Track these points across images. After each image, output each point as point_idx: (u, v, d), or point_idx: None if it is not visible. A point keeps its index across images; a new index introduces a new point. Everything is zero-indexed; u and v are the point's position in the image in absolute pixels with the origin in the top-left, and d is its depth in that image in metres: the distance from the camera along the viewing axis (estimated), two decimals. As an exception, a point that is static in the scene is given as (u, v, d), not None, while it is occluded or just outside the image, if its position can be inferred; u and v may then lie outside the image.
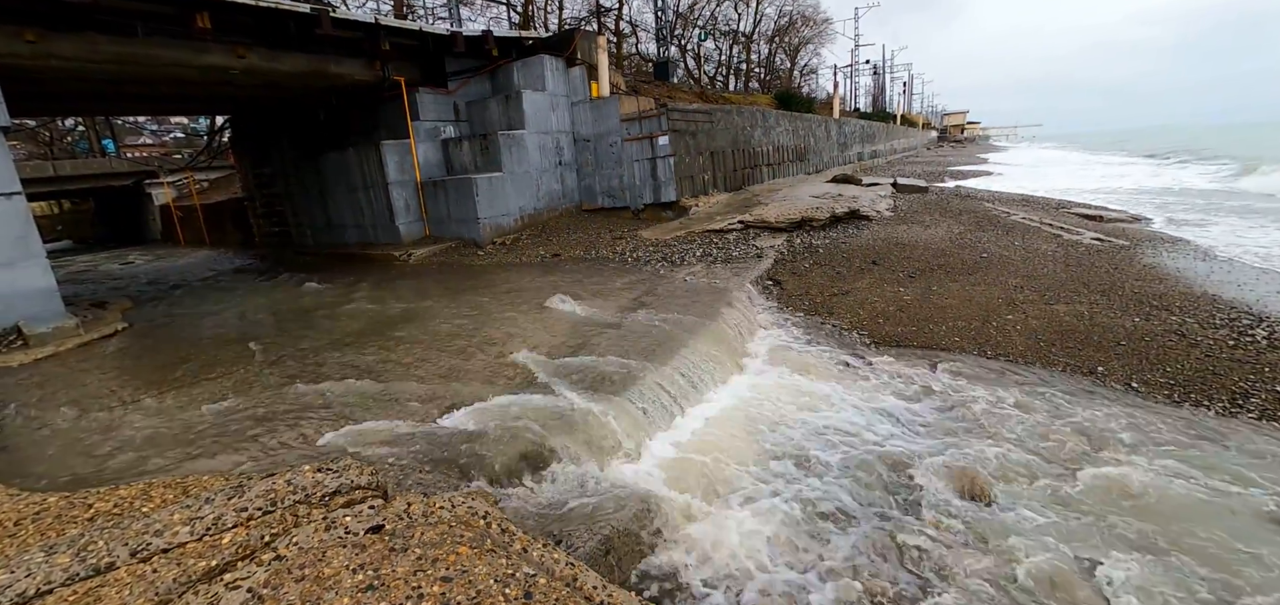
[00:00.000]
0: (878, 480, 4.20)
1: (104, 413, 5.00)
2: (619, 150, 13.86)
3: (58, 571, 2.30)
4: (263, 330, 7.57)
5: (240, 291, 10.92)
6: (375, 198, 13.56)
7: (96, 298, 11.27)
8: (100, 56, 9.07)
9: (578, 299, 7.62)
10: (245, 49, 10.46)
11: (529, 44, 14.60)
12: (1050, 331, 6.26)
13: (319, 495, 2.72)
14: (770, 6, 40.76)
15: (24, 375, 6.35)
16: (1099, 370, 5.47)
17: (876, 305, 7.35)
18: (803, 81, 47.42)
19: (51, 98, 12.12)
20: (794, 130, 20.48)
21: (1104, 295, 7.08)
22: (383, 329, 6.99)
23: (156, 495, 3.25)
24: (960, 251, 9.20)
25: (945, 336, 6.41)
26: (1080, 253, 8.97)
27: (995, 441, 4.59)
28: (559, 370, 5.24)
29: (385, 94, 13.21)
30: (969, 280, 7.93)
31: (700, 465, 4.34)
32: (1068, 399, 5.06)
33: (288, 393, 5.12)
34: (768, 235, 10.81)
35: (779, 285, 8.33)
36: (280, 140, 16.12)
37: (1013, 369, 5.66)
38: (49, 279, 8.37)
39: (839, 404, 5.30)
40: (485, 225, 12.46)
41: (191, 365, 6.24)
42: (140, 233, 27.95)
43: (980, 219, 11.61)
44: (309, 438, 4.17)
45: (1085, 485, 4.04)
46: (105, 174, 25.79)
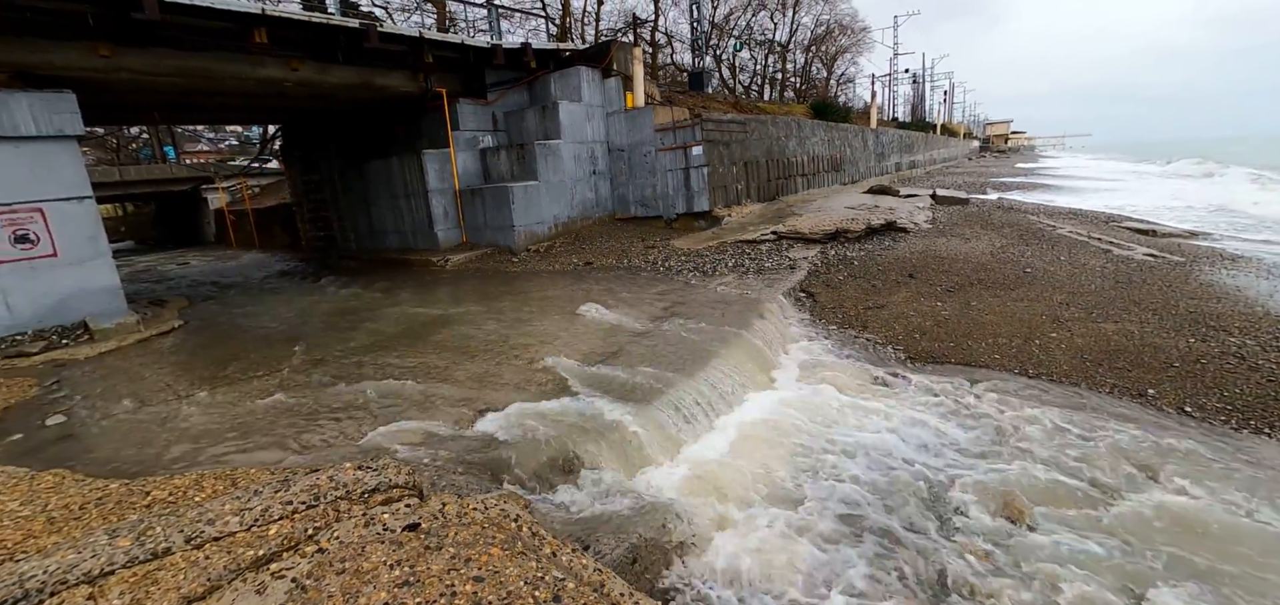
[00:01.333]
0: (911, 499, 4.11)
1: (161, 405, 5.29)
2: (653, 160, 13.95)
3: (119, 554, 2.45)
4: (307, 331, 7.88)
5: (287, 293, 11.38)
6: (415, 205, 13.96)
7: (155, 296, 11.91)
8: (165, 69, 9.63)
9: (609, 307, 7.69)
10: (298, 62, 10.95)
11: (566, 56, 14.86)
12: (1097, 350, 6.02)
13: (359, 492, 2.83)
14: (807, 16, 40.45)
15: (89, 367, 6.76)
16: (1150, 392, 5.24)
17: (913, 320, 7.20)
18: (839, 91, 46.83)
19: (120, 108, 12.90)
20: (829, 140, 20.23)
21: (1156, 314, 6.77)
22: (420, 332, 7.19)
23: (208, 486, 3.43)
24: (1002, 266, 8.93)
25: (985, 354, 6.23)
26: (1131, 269, 8.61)
27: (1036, 463, 4.44)
28: (590, 378, 5.30)
29: (427, 105, 13.62)
30: (1011, 296, 7.69)
31: (729, 477, 4.33)
32: (1115, 422, 4.86)
33: (330, 391, 5.32)
34: (801, 246, 10.70)
35: (812, 297, 8.24)
36: (328, 149, 16.77)
37: (1056, 389, 5.47)
38: (114, 277, 8.90)
39: (872, 420, 5.21)
40: (520, 233, 12.69)
41: (241, 362, 6.54)
42: (196, 235, 29.39)
43: (1024, 232, 11.25)
44: (350, 436, 4.32)
45: (1133, 512, 3.87)
46: (166, 179, 27.25)
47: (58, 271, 8.34)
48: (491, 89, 14.52)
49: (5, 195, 7.90)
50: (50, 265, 8.28)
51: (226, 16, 9.53)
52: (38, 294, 8.18)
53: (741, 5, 36.00)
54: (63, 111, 8.26)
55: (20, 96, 7.91)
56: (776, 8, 37.68)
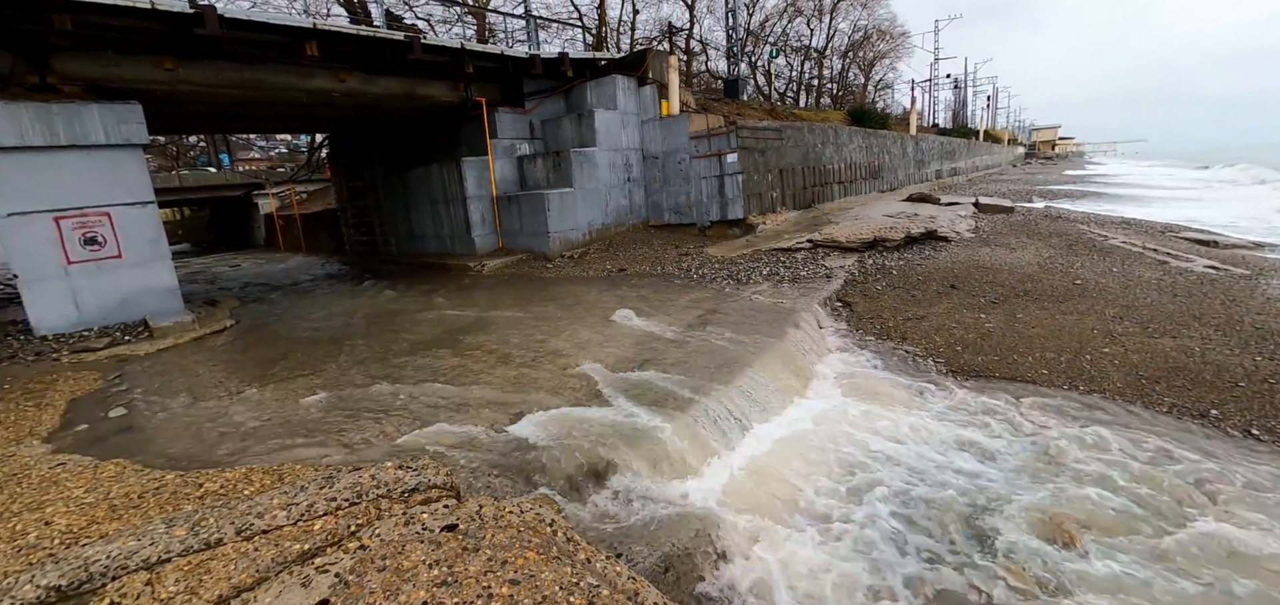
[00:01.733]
0: (952, 517, 3.98)
1: (213, 401, 5.54)
2: (687, 167, 13.95)
3: (175, 542, 2.57)
4: (350, 332, 8.13)
5: (332, 295, 11.78)
6: (454, 211, 14.28)
7: (209, 296, 12.49)
8: (224, 81, 10.13)
9: (642, 314, 7.70)
10: (346, 73, 11.37)
11: (603, 65, 15.00)
12: (1153, 367, 5.73)
13: (399, 491, 2.89)
14: (844, 22, 39.94)
15: (148, 363, 7.13)
16: (1212, 413, 4.95)
17: (954, 332, 6.99)
18: (877, 97, 45.99)
19: (181, 118, 13.61)
20: (867, 147, 19.87)
21: (1219, 330, 6.41)
22: (457, 336, 7.34)
23: (256, 480, 3.56)
24: (1050, 277, 8.60)
25: (1031, 368, 6.00)
26: (1191, 281, 8.17)
27: (1086, 485, 4.25)
28: (623, 384, 5.32)
29: (467, 113, 13.94)
30: (1059, 308, 7.39)
31: (764, 489, 4.27)
32: (1173, 443, 4.61)
33: (371, 391, 5.48)
34: (838, 255, 10.52)
35: (849, 307, 8.09)
36: (371, 156, 17.33)
37: (1109, 407, 5.23)
38: (173, 278, 9.38)
39: (912, 435, 5.07)
40: (555, 239, 12.84)
41: (287, 361, 6.80)
42: (247, 238, 30.72)
43: (1073, 242, 10.81)
44: (389, 435, 4.44)
45: (1193, 540, 3.66)
46: (221, 185, 28.61)
47: (122, 272, 8.83)
48: (529, 98, 14.76)
49: (77, 200, 8.42)
50: (115, 266, 8.78)
51: (281, 30, 9.98)
52: (104, 293, 8.68)
53: (777, 12, 35.81)
54: (130, 121, 8.77)
55: (92, 108, 8.44)
56: (813, 14, 37.32)
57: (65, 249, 8.37)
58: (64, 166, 8.28)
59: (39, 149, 8.06)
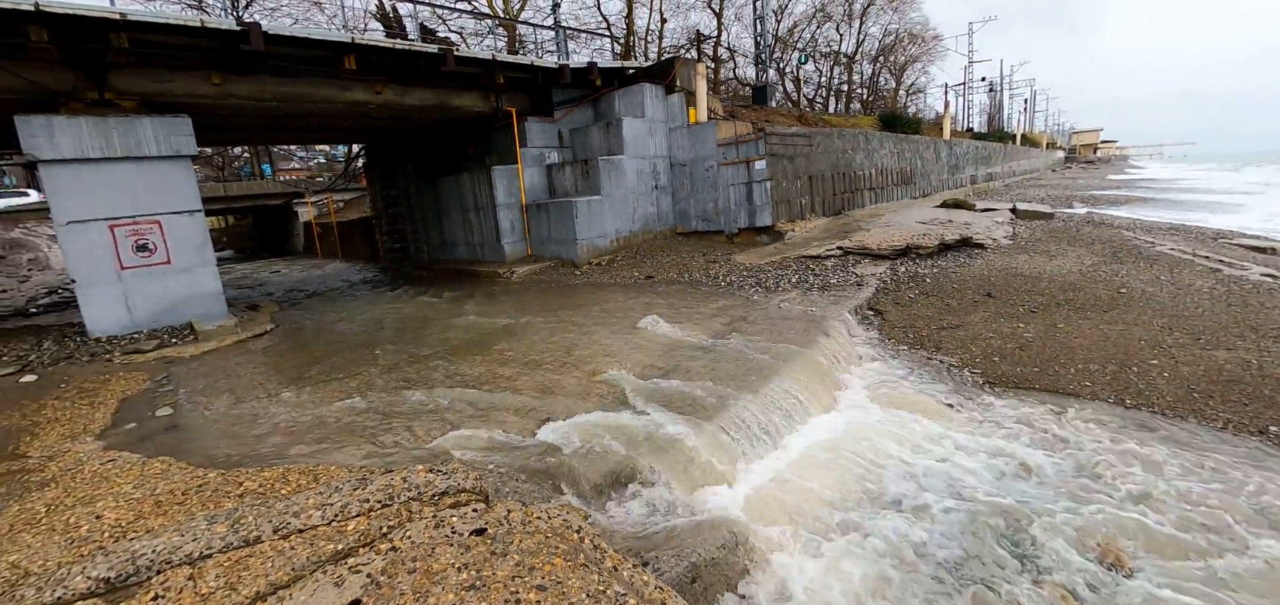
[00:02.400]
0: (990, 534, 3.84)
1: (253, 402, 5.72)
2: (714, 174, 13.90)
3: (216, 539, 2.65)
4: (384, 337, 8.32)
5: (366, 301, 12.08)
6: (484, 218, 14.51)
7: (251, 301, 12.93)
8: (267, 94, 10.53)
9: (670, 321, 7.68)
10: (381, 86, 11.70)
11: (631, 73, 15.09)
12: (1207, 381, 5.46)
13: (429, 494, 2.93)
14: (875, 26, 39.33)
15: (193, 365, 7.41)
16: (1272, 430, 4.68)
17: (991, 342, 6.78)
18: (909, 101, 45.13)
19: (227, 129, 14.17)
20: (899, 153, 19.50)
21: (1277, 341, 6.07)
22: (486, 342, 7.44)
23: (293, 480, 3.66)
24: (1093, 285, 8.28)
25: (1074, 380, 5.78)
26: (1246, 290, 7.77)
27: (1136, 503, 4.06)
28: (650, 391, 5.31)
29: (497, 122, 14.19)
30: (1103, 318, 7.11)
31: (792, 499, 4.20)
32: (1230, 461, 4.37)
33: (403, 395, 5.58)
34: (868, 262, 10.33)
35: (880, 316, 7.92)
36: (405, 165, 17.76)
37: (1158, 422, 4.99)
38: (217, 284, 9.75)
39: (947, 447, 4.93)
40: (583, 246, 12.93)
41: (323, 365, 6.98)
42: (286, 245, 31.76)
43: (1117, 249, 10.40)
44: (420, 439, 4.51)
45: (1256, 565, 3.46)
46: (262, 194, 29.68)
47: (170, 277, 9.22)
48: (558, 107, 14.94)
49: (130, 208, 8.83)
50: (164, 272, 9.17)
51: (321, 45, 10.33)
52: (153, 297, 9.08)
53: (806, 18, 35.48)
54: (180, 134, 9.17)
55: (145, 121, 8.85)
56: (842, 19, 36.88)
57: (119, 255, 8.78)
58: (119, 177, 8.70)
59: (96, 161, 8.49)
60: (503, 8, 25.12)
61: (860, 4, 36.69)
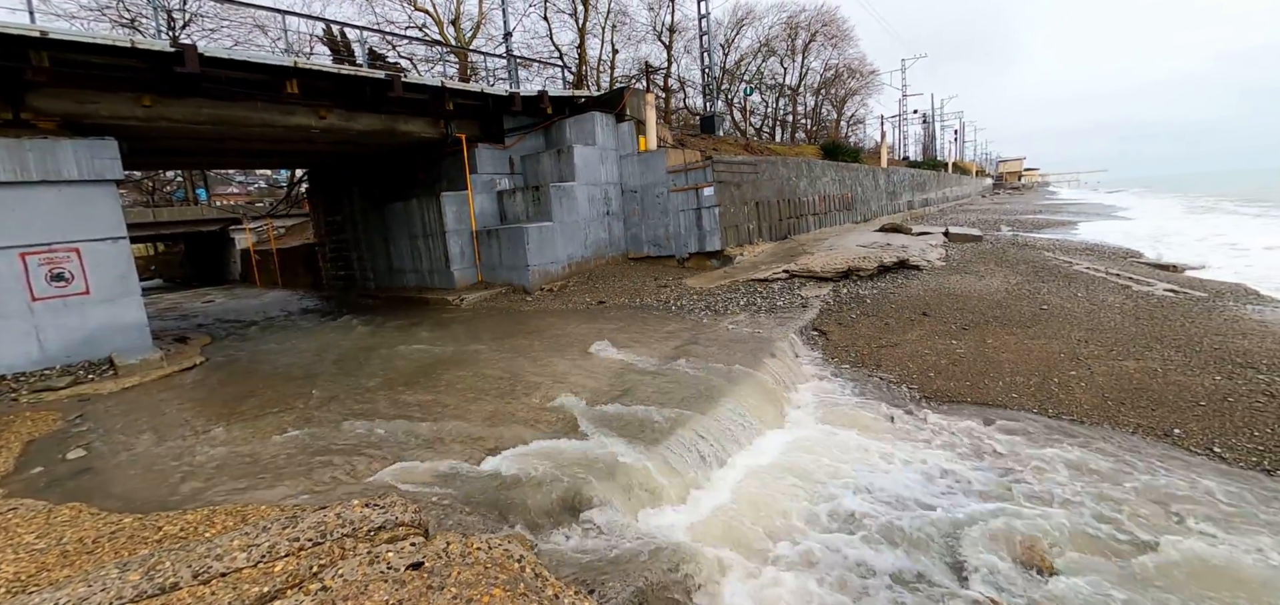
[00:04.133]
0: (927, 544, 3.99)
1: (178, 440, 5.38)
2: (665, 200, 14.14)
3: (129, 588, 2.48)
4: (324, 368, 8.00)
5: (307, 331, 11.60)
6: (433, 245, 14.25)
7: (180, 333, 12.21)
8: (203, 118, 10.11)
9: (621, 346, 7.71)
10: (326, 110, 11.42)
11: (581, 102, 15.28)
12: (1119, 389, 5.88)
13: (365, 529, 2.84)
14: (816, 60, 41.24)
15: (112, 402, 6.92)
16: (1176, 432, 5.08)
17: (927, 358, 7.11)
18: (850, 131, 47.27)
19: (160, 153, 13.49)
20: (840, 180, 20.36)
21: (1180, 351, 6.61)
22: (434, 370, 7.27)
23: (219, 521, 3.46)
24: (1017, 303, 8.82)
25: (1002, 392, 6.12)
26: (1152, 305, 8.44)
27: (1058, 507, 4.31)
28: (600, 417, 5.30)
29: (447, 149, 14.05)
30: (1027, 333, 7.58)
31: (740, 520, 4.26)
32: (1140, 463, 4.71)
33: (343, 428, 5.38)
34: (813, 285, 10.68)
35: (824, 336, 8.19)
36: (351, 191, 17.30)
37: (1077, 429, 5.33)
38: (141, 315, 9.18)
39: (887, 461, 5.11)
40: (534, 272, 12.86)
41: (258, 399, 6.65)
42: (222, 274, 30.22)
43: (1039, 269, 11.13)
44: (360, 473, 4.35)
45: (1163, 559, 3.72)
46: (196, 220, 28.23)
47: (88, 308, 8.62)
48: (509, 134, 14.93)
49: (45, 235, 8.25)
50: (82, 303, 8.57)
51: (262, 69, 10.03)
52: (68, 330, 8.45)
53: (752, 52, 36.88)
54: (104, 157, 8.68)
55: (66, 143, 8.34)
56: (786, 53, 38.51)
57: (30, 285, 8.16)
58: (34, 202, 8.13)
59: (8, 184, 7.92)
60: (454, 36, 25.06)
61: (802, 40, 38.48)
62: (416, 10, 24.71)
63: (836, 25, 39.27)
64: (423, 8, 24.73)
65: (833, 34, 39.49)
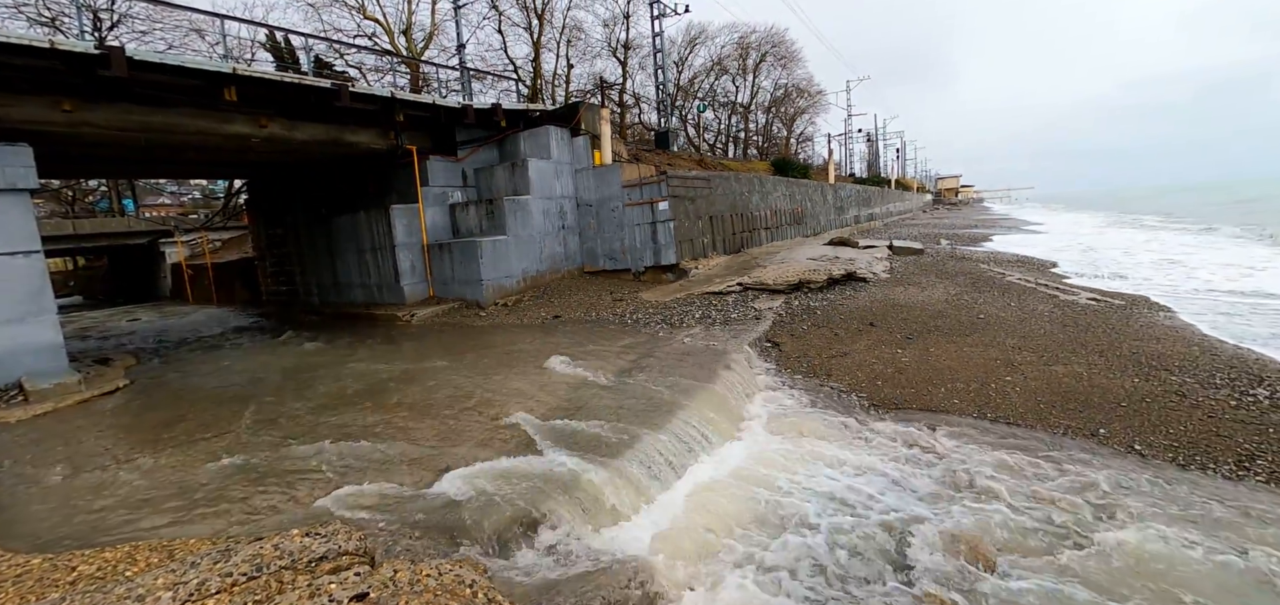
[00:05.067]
0: (877, 548, 4.10)
1: (97, 471, 4.99)
2: (621, 214, 14.19)
3: (36, 637, 2.26)
4: (262, 389, 7.59)
5: (244, 350, 11.00)
6: (382, 259, 13.82)
7: (101, 354, 11.36)
8: (131, 125, 9.50)
9: (577, 360, 7.65)
10: (267, 119, 10.94)
11: (536, 116, 15.20)
12: (1049, 393, 6.23)
13: (305, 561, 2.70)
14: (767, 80, 42.48)
15: (21, 432, 6.36)
16: (1101, 432, 5.41)
17: (875, 367, 7.35)
18: (799, 149, 48.80)
19: (82, 160, 12.60)
20: (791, 195, 20.95)
21: (1102, 355, 7.07)
22: (381, 390, 7.01)
23: (142, 558, 3.22)
24: (957, 313, 9.25)
25: (944, 399, 6.38)
26: (1076, 313, 9.01)
27: (997, 507, 4.50)
28: (555, 433, 5.23)
29: (398, 160, 13.68)
30: (966, 341, 7.95)
31: (696, 533, 4.27)
32: (1070, 462, 4.98)
33: (283, 453, 5.11)
34: (766, 297, 10.91)
35: (777, 347, 8.36)
36: (294, 203, 16.59)
37: (1013, 432, 5.61)
38: (56, 335, 8.49)
39: (838, 469, 5.24)
40: (488, 286, 12.63)
41: (188, 424, 6.25)
42: (151, 290, 28.37)
43: (976, 280, 11.72)
44: (301, 500, 4.14)
45: (1093, 553, 3.93)
46: (122, 233, 26.45)
47: (-6, 331, 7.92)
48: (462, 146, 14.69)
49: (-58, 252, 7.55)
50: (-14, 324, 7.86)
51: (198, 75, 9.52)
52: (-30, 355, 7.73)
53: (705, 70, 37.66)
54: (16, 165, 8.03)
55: (-32, 151, 7.68)
56: (738, 72, 39.51)
57: (-76, 307, 7.44)
58: (-72, 215, 7.43)
59: (-103, 196, 7.22)
60: (406, 46, 24.54)
61: (753, 59, 39.56)
62: (366, 18, 24.07)
63: (785, 46, 40.60)
64: (372, 17, 24.12)
65: (782, 55, 40.80)
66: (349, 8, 23.86)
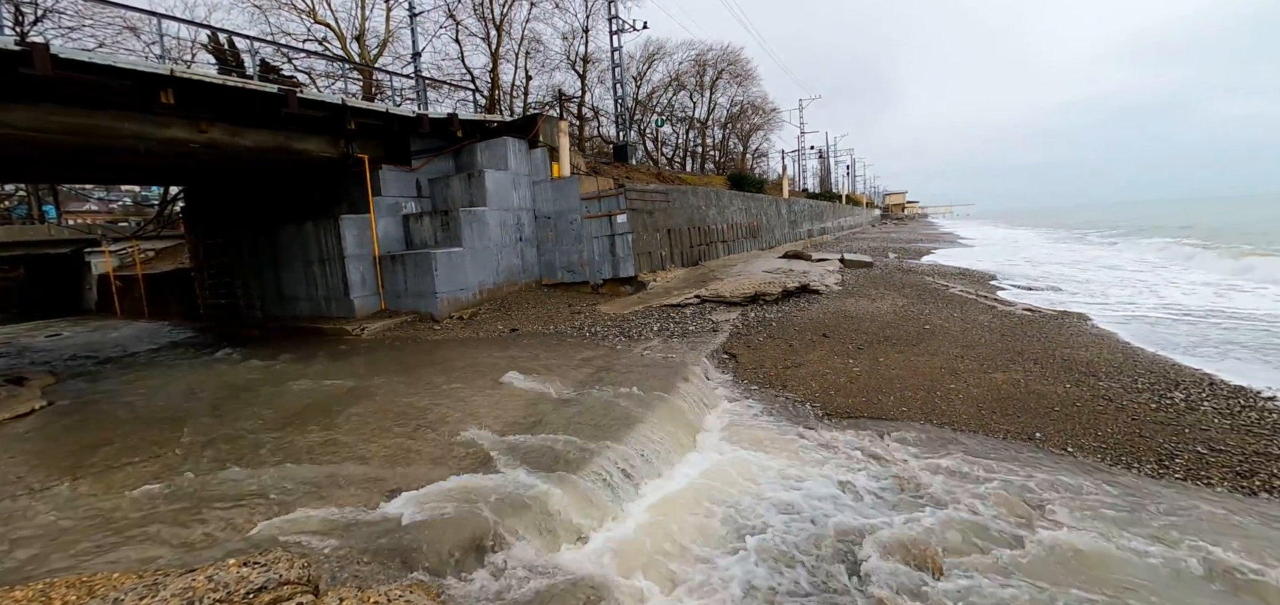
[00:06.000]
0: (832, 556, 4.18)
1: (8, 501, 4.59)
2: (579, 227, 14.15)
3: (-70, 689, 2.06)
4: (197, 409, 7.18)
5: (178, 367, 10.38)
6: (331, 271, 13.33)
7: (13, 372, 10.50)
8: (56, 127, 8.89)
9: (534, 374, 7.55)
10: (208, 124, 10.44)
11: (494, 127, 15.03)
12: (991, 399, 6.52)
13: (242, 593, 2.55)
14: (723, 96, 43.34)
15: (-81, 463, 5.80)
16: (1037, 436, 5.69)
17: (828, 377, 7.54)
18: (755, 164, 49.91)
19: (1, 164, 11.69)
20: (747, 209, 21.38)
21: (1037, 363, 7.46)
22: (329, 407, 6.73)
23: (58, 596, 2.97)
24: (904, 323, 9.60)
25: (893, 407, 6.59)
26: (1013, 322, 9.50)
27: (945, 511, 4.66)
28: (511, 449, 5.13)
29: (348, 169, 13.26)
30: (913, 351, 8.25)
31: (654, 547, 4.25)
32: (1011, 465, 5.22)
33: (220, 477, 4.83)
34: (723, 309, 11.06)
35: (734, 359, 8.47)
36: (236, 211, 15.85)
37: (958, 437, 5.84)
38: (-38, 357, 7.80)
39: (794, 478, 5.32)
40: (443, 299, 12.35)
41: (113, 448, 5.84)
42: (75, 303, 26.48)
43: (922, 292, 12.21)
44: (239, 527, 3.91)
45: (1033, 552, 4.12)
46: (41, 241, 24.62)
47: (-112, 351, 7.21)
48: (416, 156, 14.37)
49: None
50: (-122, 344, 7.15)
51: (130, 76, 8.98)
52: None
53: (663, 85, 38.13)
54: (-88, 171, 7.38)
55: None
56: (695, 88, 40.18)
57: None
58: None
59: None
60: (359, 52, 23.88)
61: (710, 76, 40.31)
62: (316, 23, 23.31)
63: (741, 65, 41.55)
64: (324, 21, 23.38)
65: (738, 73, 41.73)
66: (299, 12, 23.09)
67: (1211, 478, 4.76)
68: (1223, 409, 5.89)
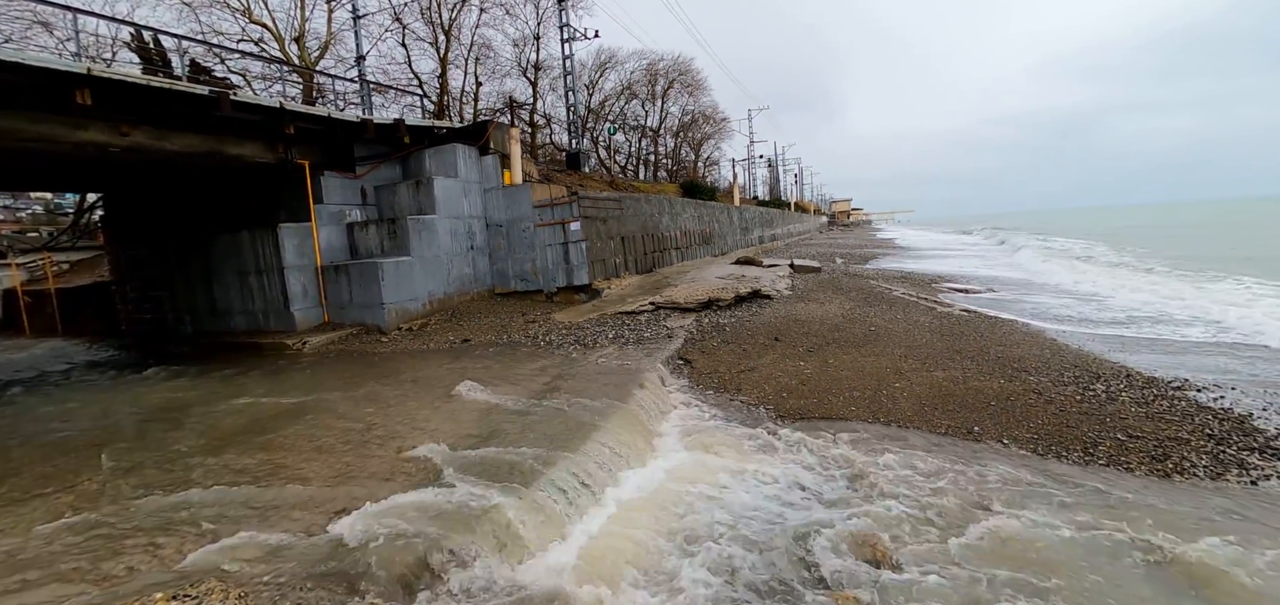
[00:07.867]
0: (787, 555, 4.26)
1: (-107, 546, 4.13)
2: (532, 235, 14.00)
3: None
4: (120, 433, 6.67)
5: (97, 388, 9.63)
6: (269, 282, 12.69)
7: (-98, 404, 9.49)
8: (-57, 129, 8.11)
9: (487, 385, 7.40)
10: (130, 126, 9.76)
11: (443, 133, 14.70)
12: (933, 396, 6.82)
13: (170, 626, 2.37)
14: (674, 105, 43.87)
15: None
16: (975, 430, 5.98)
17: (780, 380, 7.70)
18: (707, 172, 50.67)
19: None
20: (699, 216, 21.68)
21: (974, 361, 7.86)
22: (267, 427, 6.39)
23: (-46, 645, 2.69)
24: (851, 326, 9.93)
25: (843, 406, 6.80)
26: (952, 323, 9.97)
27: (894, 505, 4.83)
28: (465, 463, 5.00)
29: (288, 176, 12.67)
30: (860, 352, 8.54)
31: (612, 557, 4.22)
32: (952, 459, 5.46)
33: (144, 505, 4.50)
34: (677, 315, 11.15)
35: (689, 364, 8.55)
36: (163, 220, 14.85)
37: (904, 434, 6.07)
38: None
39: (749, 480, 5.40)
40: (391, 310, 11.96)
41: (21, 478, 5.35)
42: (-27, 323, 24.18)
43: (868, 295, 12.67)
44: (166, 559, 3.65)
45: (976, 541, 4.31)
46: (-67, 257, 22.41)
47: None
48: (361, 162, 13.89)
49: None
50: None
51: (40, 74, 8.29)
52: None
53: (615, 93, 38.27)
54: None
55: None
56: (647, 97, 40.49)
57: None
58: None
59: None
60: (298, 55, 22.89)
61: (661, 86, 40.73)
62: (252, 22, 22.18)
63: (692, 75, 42.16)
64: (259, 21, 22.26)
65: (689, 82, 42.33)
66: (232, 11, 21.91)
67: (1131, 463, 5.11)
68: (1139, 399, 6.35)
